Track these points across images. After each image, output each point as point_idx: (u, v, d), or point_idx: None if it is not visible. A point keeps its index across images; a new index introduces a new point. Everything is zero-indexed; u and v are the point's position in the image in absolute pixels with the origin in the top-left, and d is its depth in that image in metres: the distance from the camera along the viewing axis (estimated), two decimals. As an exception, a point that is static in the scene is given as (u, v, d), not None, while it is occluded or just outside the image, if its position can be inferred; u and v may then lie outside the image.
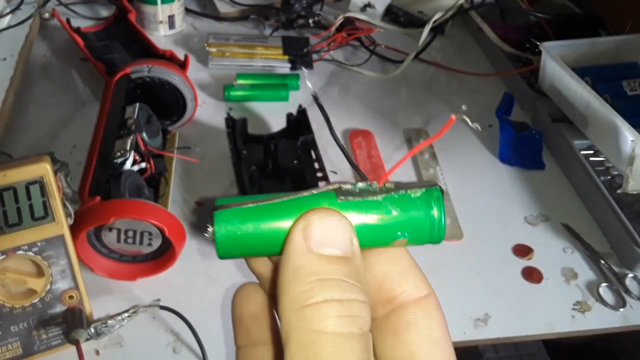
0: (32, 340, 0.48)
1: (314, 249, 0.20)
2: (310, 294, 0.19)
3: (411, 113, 0.79)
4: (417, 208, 0.21)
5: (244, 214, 0.21)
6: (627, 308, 0.57)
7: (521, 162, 0.71)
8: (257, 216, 0.21)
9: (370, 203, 0.21)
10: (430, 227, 0.21)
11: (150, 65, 0.64)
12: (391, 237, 0.21)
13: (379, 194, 0.21)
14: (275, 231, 0.21)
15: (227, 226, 0.21)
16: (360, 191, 0.21)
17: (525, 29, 0.89)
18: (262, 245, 0.21)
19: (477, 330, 0.54)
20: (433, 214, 0.21)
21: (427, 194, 0.21)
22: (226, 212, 0.21)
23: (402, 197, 0.21)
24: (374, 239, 0.21)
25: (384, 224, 0.21)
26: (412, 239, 0.21)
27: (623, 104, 0.66)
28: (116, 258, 0.54)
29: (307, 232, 0.20)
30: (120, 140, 0.58)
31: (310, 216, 0.20)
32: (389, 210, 0.21)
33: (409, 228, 0.21)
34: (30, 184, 0.43)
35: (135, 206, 0.50)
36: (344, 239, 0.20)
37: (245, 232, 0.21)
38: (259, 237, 0.21)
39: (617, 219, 0.60)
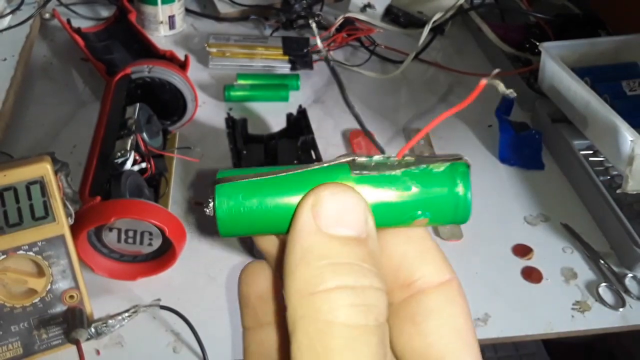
0: (33, 340, 0.48)
1: (325, 229, 0.17)
2: (320, 279, 0.17)
3: (411, 113, 0.79)
4: (440, 184, 0.19)
5: (247, 188, 0.19)
6: (626, 308, 0.57)
7: (521, 162, 0.72)
8: (262, 190, 0.19)
9: (388, 178, 0.19)
10: (455, 205, 0.19)
11: (150, 66, 0.64)
12: (410, 216, 0.19)
13: (397, 168, 0.19)
14: (282, 207, 0.19)
15: (229, 201, 0.19)
16: (376, 164, 0.19)
17: (524, 30, 0.89)
18: (267, 223, 0.19)
19: (477, 330, 0.54)
20: (458, 190, 0.19)
21: (451, 168, 0.19)
22: (228, 185, 0.19)
23: (423, 172, 0.19)
24: (392, 218, 0.19)
25: (402, 201, 0.19)
26: (434, 219, 0.19)
27: (622, 104, 0.66)
28: (116, 258, 0.54)
29: (317, 210, 0.18)
30: (121, 140, 0.58)
31: (321, 192, 0.18)
32: (408, 186, 0.19)
33: (431, 206, 0.19)
34: (30, 184, 0.43)
35: (136, 206, 0.51)
36: (358, 218, 0.18)
37: (249, 208, 0.19)
38: (264, 213, 0.19)
39: (617, 219, 0.61)
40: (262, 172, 0.19)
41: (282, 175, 0.19)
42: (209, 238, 0.60)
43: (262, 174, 0.19)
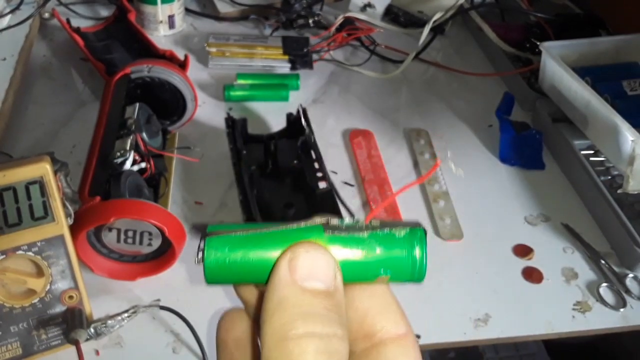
0: (32, 340, 0.48)
1: (299, 282, 0.20)
2: (292, 326, 0.19)
3: (411, 113, 0.79)
4: (400, 247, 0.22)
5: (233, 242, 0.21)
6: (627, 308, 0.57)
7: (521, 162, 0.71)
8: (246, 245, 0.21)
9: (356, 239, 0.21)
10: (412, 266, 0.22)
11: (150, 65, 0.64)
12: (374, 273, 0.22)
13: (364, 230, 0.22)
14: (263, 261, 0.21)
15: (216, 253, 0.22)
16: (347, 227, 0.22)
17: (525, 29, 0.89)
18: (249, 274, 0.22)
19: (477, 331, 0.54)
20: (415, 253, 0.22)
21: (410, 234, 0.22)
22: (216, 239, 0.22)
23: (386, 236, 0.22)
24: (358, 274, 0.22)
25: (367, 260, 0.21)
26: (394, 277, 0.22)
27: (623, 104, 0.66)
28: (116, 258, 0.54)
29: (292, 265, 0.20)
30: (120, 140, 0.58)
31: (297, 249, 0.21)
32: (373, 247, 0.21)
33: (392, 266, 0.22)
34: (30, 184, 0.43)
35: (135, 206, 0.50)
36: (328, 274, 0.21)
37: (234, 260, 0.21)
38: (246, 265, 0.21)
39: (618, 219, 0.60)
40: (247, 228, 0.22)
41: (264, 232, 0.21)
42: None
43: (248, 230, 0.22)
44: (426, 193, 0.67)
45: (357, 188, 0.67)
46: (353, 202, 0.65)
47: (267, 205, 0.59)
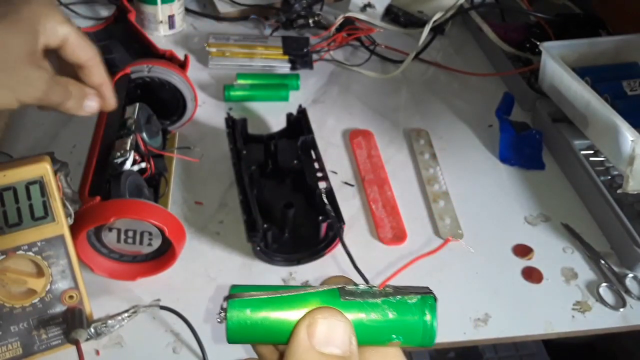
0: (32, 340, 0.48)
1: (317, 347, 0.22)
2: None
3: (411, 113, 0.79)
4: (412, 313, 0.23)
5: (255, 304, 0.23)
6: (627, 308, 0.57)
7: (521, 162, 0.71)
8: (266, 307, 0.23)
9: (370, 305, 0.23)
10: (424, 331, 0.23)
11: (150, 65, 0.64)
12: (387, 338, 0.23)
13: (378, 296, 0.23)
14: (282, 323, 0.23)
15: (239, 314, 0.23)
16: (361, 292, 0.23)
17: (525, 29, 0.89)
18: (269, 335, 0.23)
19: (477, 330, 0.54)
20: (426, 319, 0.23)
21: (422, 301, 0.23)
22: (239, 301, 0.23)
23: (399, 302, 0.23)
24: (371, 338, 0.23)
25: (381, 325, 0.23)
26: (406, 341, 0.23)
27: (623, 104, 0.66)
28: (116, 258, 0.54)
29: (311, 330, 0.22)
30: (120, 140, 0.58)
31: (315, 315, 0.22)
32: (386, 313, 0.23)
33: (404, 331, 0.23)
34: (30, 184, 0.43)
35: (135, 206, 0.50)
36: (344, 340, 0.22)
37: (255, 322, 0.23)
38: (267, 327, 0.23)
39: (617, 219, 0.60)
40: (268, 291, 0.23)
41: (284, 295, 0.23)
42: (209, 238, 0.60)
43: (269, 292, 0.23)
44: (426, 193, 0.67)
45: (357, 188, 0.67)
46: (353, 202, 0.65)
47: (267, 205, 0.60)
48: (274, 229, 0.56)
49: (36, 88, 0.44)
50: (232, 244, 0.59)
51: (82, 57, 0.47)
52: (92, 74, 0.48)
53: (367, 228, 0.62)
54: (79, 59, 0.47)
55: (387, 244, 0.61)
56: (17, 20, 0.43)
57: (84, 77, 0.48)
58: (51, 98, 0.45)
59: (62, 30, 0.45)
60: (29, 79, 0.44)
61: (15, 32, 0.42)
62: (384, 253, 0.60)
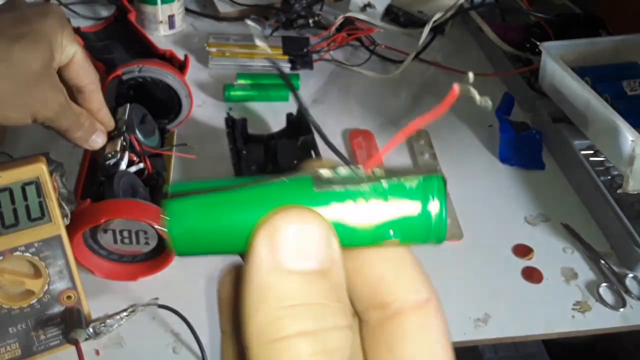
0: (31, 341, 0.48)
1: (284, 264, 0.16)
2: (280, 325, 0.15)
3: (411, 113, 0.79)
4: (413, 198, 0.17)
5: (200, 206, 0.17)
6: (627, 308, 0.57)
7: (521, 162, 0.71)
8: (216, 209, 0.17)
9: (354, 194, 0.17)
10: (428, 224, 0.17)
11: (140, 65, 0.64)
12: (380, 236, 0.17)
13: (365, 182, 0.17)
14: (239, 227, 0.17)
15: (181, 220, 0.17)
16: (342, 179, 0.17)
17: (525, 29, 0.89)
18: (224, 244, 0.18)
19: (477, 330, 0.54)
20: (431, 208, 0.17)
21: (424, 183, 0.17)
22: (180, 203, 0.17)
23: (394, 187, 0.17)
24: (359, 239, 0.17)
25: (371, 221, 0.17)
26: (406, 239, 0.17)
27: (623, 104, 0.66)
28: (116, 259, 0.54)
29: (274, 241, 0.16)
30: (111, 141, 0.57)
31: (278, 220, 0.16)
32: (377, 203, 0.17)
33: (402, 226, 0.17)
34: (26, 184, 0.43)
35: (125, 206, 0.50)
36: (320, 247, 0.16)
37: (204, 228, 0.17)
38: (219, 234, 0.17)
39: (617, 219, 0.60)
40: (217, 187, 0.17)
41: (237, 191, 0.17)
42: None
43: (217, 189, 0.17)
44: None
45: (357, 188, 0.67)
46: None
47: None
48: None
49: (50, 109, 0.44)
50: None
51: (84, 80, 0.47)
52: (91, 99, 0.48)
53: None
54: (81, 81, 0.47)
55: (386, 244, 0.61)
56: (35, 39, 0.42)
57: (82, 101, 0.48)
58: (62, 122, 0.46)
59: (72, 49, 0.45)
60: (45, 98, 0.44)
61: (34, 49, 0.42)
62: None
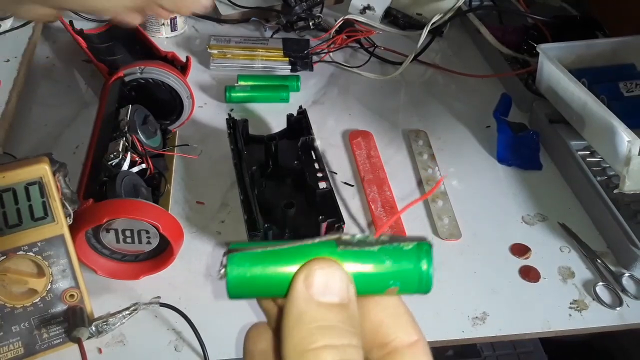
0: (34, 339, 0.48)
1: (315, 297, 0.22)
2: (311, 339, 0.21)
3: (410, 114, 0.80)
4: (408, 260, 0.23)
5: (253, 258, 0.23)
6: (623, 307, 0.57)
7: (519, 162, 0.72)
8: (265, 261, 0.23)
9: (367, 253, 0.23)
10: (419, 278, 0.23)
11: (142, 67, 0.65)
12: (384, 285, 0.23)
13: (374, 245, 0.23)
14: (281, 276, 0.23)
15: (238, 268, 0.23)
16: (358, 242, 0.23)
17: (522, 31, 0.90)
18: (269, 289, 0.23)
19: (475, 329, 0.54)
20: (422, 266, 0.23)
21: (417, 247, 0.23)
22: (238, 255, 0.23)
23: (395, 249, 0.23)
24: (369, 287, 0.23)
25: (378, 273, 0.23)
26: (403, 288, 0.23)
27: (619, 105, 0.66)
28: (119, 258, 0.54)
29: (308, 281, 0.22)
30: (113, 142, 0.58)
31: (312, 266, 0.22)
32: (382, 260, 0.23)
33: (400, 278, 0.23)
34: (29, 184, 0.43)
35: (127, 205, 0.51)
36: (342, 288, 0.22)
37: (254, 275, 0.23)
38: (266, 280, 0.23)
39: (614, 219, 0.61)
40: (266, 245, 0.23)
41: (281, 248, 0.23)
42: (211, 238, 0.60)
43: (266, 246, 0.23)
44: (425, 193, 0.67)
45: (357, 188, 0.67)
46: (352, 202, 0.65)
47: (267, 205, 0.60)
48: (275, 229, 0.57)
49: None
50: (232, 244, 0.60)
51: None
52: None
53: (366, 228, 0.63)
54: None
55: (385, 243, 0.61)
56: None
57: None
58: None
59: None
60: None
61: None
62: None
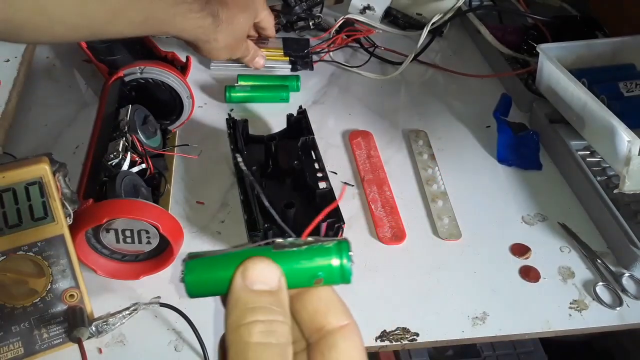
0: (34, 339, 0.48)
1: (249, 285, 0.27)
2: (243, 317, 0.26)
3: (410, 114, 0.80)
4: (329, 255, 0.28)
5: (204, 263, 0.28)
6: (623, 307, 0.57)
7: (518, 162, 0.72)
8: (214, 264, 0.28)
9: (296, 252, 0.28)
10: (340, 270, 0.27)
11: (142, 67, 0.65)
12: (311, 277, 0.28)
13: (303, 245, 0.28)
14: (226, 275, 0.27)
15: (192, 271, 0.28)
16: (289, 244, 0.28)
17: (522, 31, 0.90)
18: (218, 286, 0.27)
19: (475, 329, 0.54)
20: (342, 260, 0.27)
21: (337, 245, 0.28)
22: (193, 261, 0.28)
23: (319, 247, 0.28)
24: (300, 279, 0.28)
25: (305, 267, 0.28)
26: (327, 280, 0.28)
27: (619, 105, 0.66)
28: (119, 258, 0.54)
29: (244, 274, 0.27)
30: (113, 142, 0.58)
31: (247, 262, 0.27)
32: (309, 257, 0.28)
33: (324, 270, 0.28)
34: (29, 184, 0.43)
35: (127, 205, 0.51)
36: (271, 277, 0.27)
37: (206, 276, 0.28)
38: (216, 279, 0.27)
39: (614, 219, 0.61)
40: (216, 252, 0.28)
41: (226, 253, 0.28)
42: (211, 238, 0.60)
43: (216, 252, 0.28)
44: (425, 193, 0.67)
45: (357, 188, 0.68)
46: (353, 202, 0.66)
47: (267, 205, 0.60)
48: (275, 229, 0.57)
49: (243, 54, 0.72)
50: (233, 243, 0.60)
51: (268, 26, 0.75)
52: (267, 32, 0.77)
53: (366, 228, 0.63)
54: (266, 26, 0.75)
55: (386, 243, 0.61)
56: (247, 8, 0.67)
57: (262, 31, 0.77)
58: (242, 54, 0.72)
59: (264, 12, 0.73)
60: (243, 47, 0.71)
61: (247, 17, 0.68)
62: (383, 252, 0.60)
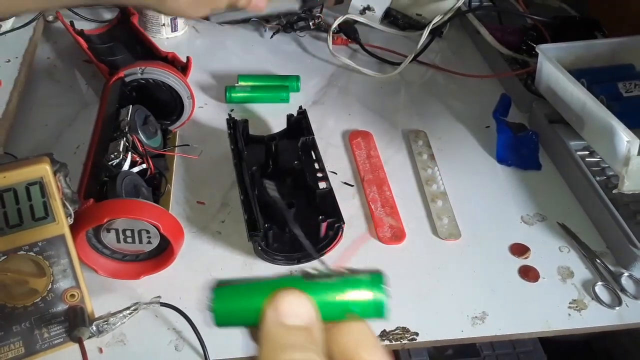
0: (35, 339, 0.48)
1: (281, 319, 0.25)
2: (276, 354, 0.24)
3: (410, 114, 0.80)
4: (363, 289, 0.27)
5: (235, 292, 0.27)
6: (622, 307, 0.57)
7: (518, 162, 0.72)
8: (244, 294, 0.27)
9: (329, 284, 0.27)
10: (375, 305, 0.27)
11: (142, 67, 0.65)
12: (345, 311, 0.27)
13: (335, 277, 0.27)
14: (257, 305, 0.26)
15: (221, 300, 0.27)
16: (321, 275, 0.27)
17: (522, 32, 0.90)
18: (248, 316, 0.26)
19: (475, 328, 0.55)
20: (377, 294, 0.27)
21: (372, 278, 0.27)
22: (221, 289, 0.27)
23: (353, 280, 0.27)
24: (332, 313, 0.26)
25: (339, 301, 0.27)
26: (361, 314, 0.27)
27: (618, 106, 0.67)
28: (119, 258, 0.54)
29: (276, 307, 0.25)
30: (114, 142, 0.58)
31: (280, 294, 0.26)
32: (343, 290, 0.27)
33: (359, 305, 0.27)
34: (30, 184, 0.43)
35: (127, 205, 0.51)
36: (305, 312, 0.26)
37: (235, 305, 0.27)
38: (245, 310, 0.27)
39: (613, 219, 0.61)
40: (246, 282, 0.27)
41: (257, 282, 0.27)
42: (211, 237, 0.61)
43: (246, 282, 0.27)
44: (424, 193, 0.67)
45: (357, 188, 0.68)
46: (352, 202, 0.66)
47: (268, 205, 0.60)
48: (275, 229, 0.57)
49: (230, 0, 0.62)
50: (233, 243, 0.60)
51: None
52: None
53: (366, 227, 0.63)
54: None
55: (386, 243, 0.61)
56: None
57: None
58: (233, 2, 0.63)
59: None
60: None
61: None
62: (383, 252, 0.61)
